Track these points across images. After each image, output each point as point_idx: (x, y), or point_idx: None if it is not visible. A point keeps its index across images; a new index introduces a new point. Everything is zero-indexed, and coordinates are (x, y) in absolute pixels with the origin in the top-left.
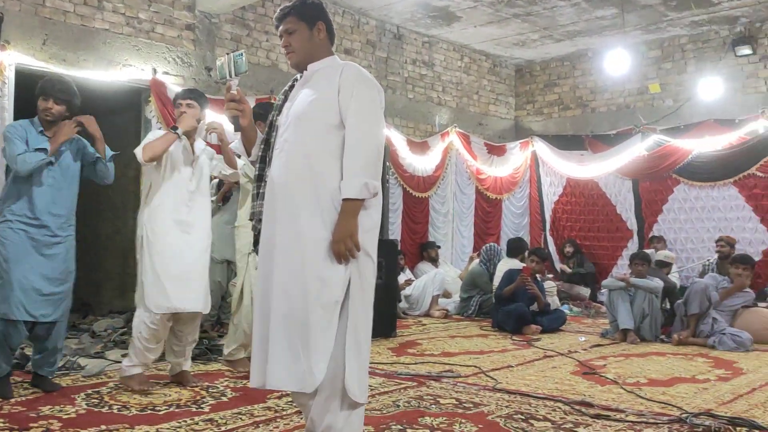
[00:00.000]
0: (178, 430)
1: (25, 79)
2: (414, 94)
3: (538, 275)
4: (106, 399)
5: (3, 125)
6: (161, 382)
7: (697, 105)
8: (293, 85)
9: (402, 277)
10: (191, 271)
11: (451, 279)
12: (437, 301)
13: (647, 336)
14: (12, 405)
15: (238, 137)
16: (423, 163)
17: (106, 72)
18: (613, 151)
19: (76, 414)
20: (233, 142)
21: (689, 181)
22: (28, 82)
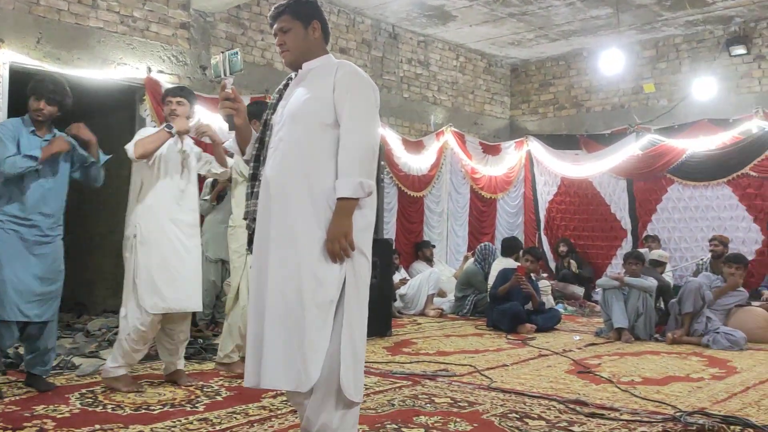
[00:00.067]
0: (173, 429)
1: (20, 77)
2: (409, 94)
3: (532, 274)
4: (101, 398)
5: None
6: (155, 381)
7: (691, 105)
8: (288, 84)
9: (397, 277)
10: (185, 270)
11: (446, 278)
12: (432, 301)
13: (641, 335)
14: (6, 404)
15: (233, 136)
16: (418, 163)
17: (101, 71)
18: (607, 150)
19: (71, 413)
20: (227, 140)
21: (683, 181)
22: (23, 81)
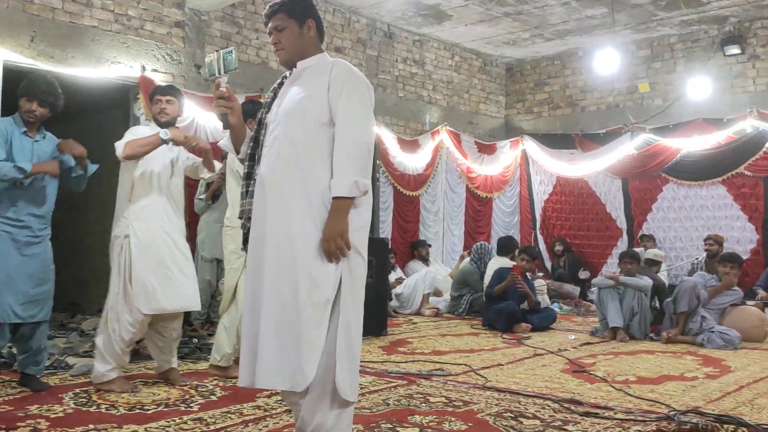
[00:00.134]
0: (167, 429)
1: (13, 76)
2: (404, 93)
3: (528, 274)
4: (95, 398)
5: None
6: (149, 381)
7: (686, 104)
8: (282, 83)
9: (393, 276)
10: (181, 269)
11: (442, 277)
12: (428, 300)
13: (636, 334)
14: None
15: (227, 134)
16: (413, 162)
17: (95, 69)
18: (602, 150)
19: (64, 413)
20: (222, 139)
21: (678, 180)
22: (16, 80)
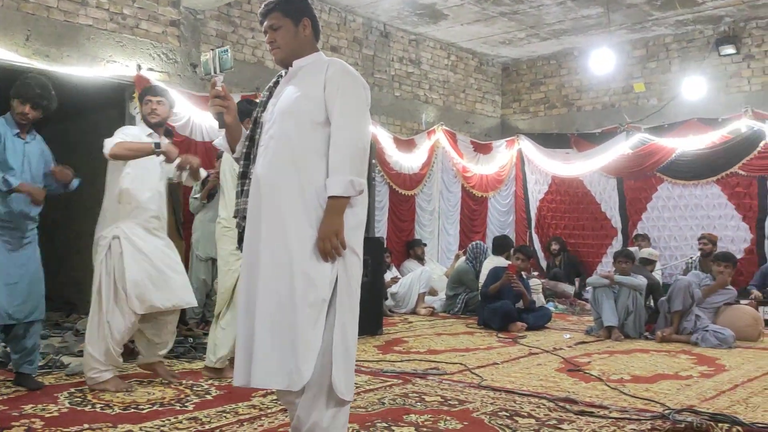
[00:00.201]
0: (162, 428)
1: (8, 75)
2: (400, 92)
3: (523, 273)
4: (89, 397)
5: None
6: (144, 380)
7: (681, 104)
8: (278, 82)
9: (388, 275)
10: (173, 267)
11: (438, 277)
12: (423, 299)
13: (631, 333)
14: None
15: (223, 134)
16: (409, 161)
17: (90, 68)
18: (598, 149)
19: (59, 413)
20: (217, 138)
21: (673, 180)
22: (11, 79)
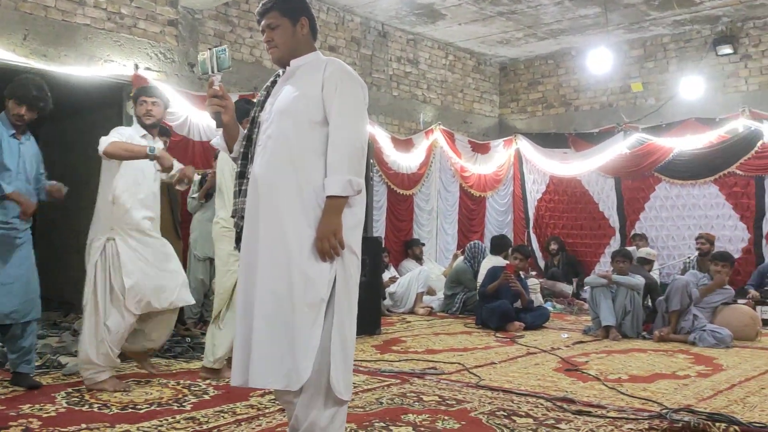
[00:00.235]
0: (159, 428)
1: (6, 74)
2: (398, 92)
3: (521, 272)
4: (87, 397)
5: None
6: (142, 380)
7: (678, 104)
8: (276, 81)
9: (386, 275)
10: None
11: (436, 276)
12: (421, 299)
13: (629, 333)
14: None
15: (220, 133)
16: (407, 161)
17: (88, 68)
18: (595, 149)
19: (56, 412)
20: (215, 138)
21: (670, 180)
22: (9, 78)
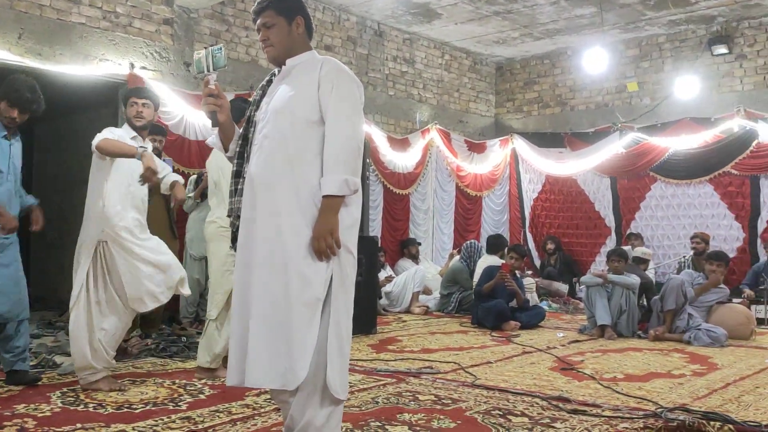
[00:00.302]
0: (155, 428)
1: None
2: (395, 91)
3: (517, 272)
4: (82, 397)
5: None
6: (137, 380)
7: (673, 103)
8: (271, 80)
9: (382, 274)
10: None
11: (432, 276)
12: (417, 298)
13: (624, 332)
14: None
15: (216, 132)
16: (403, 160)
17: (83, 67)
18: (591, 148)
19: (51, 412)
20: (210, 137)
21: (666, 179)
22: (3, 77)
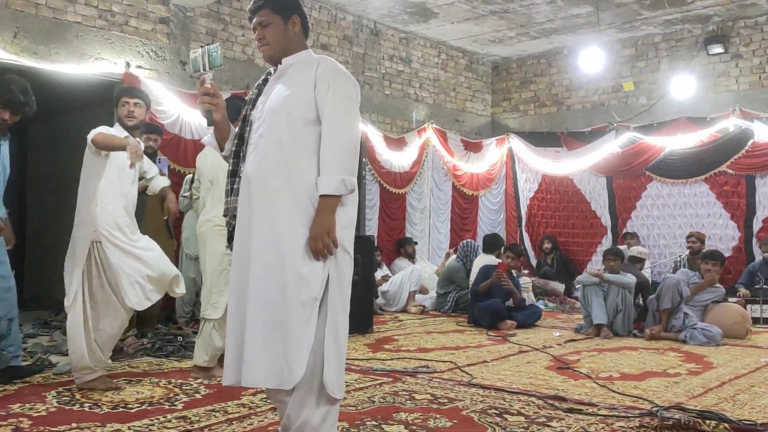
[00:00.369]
0: (151, 427)
1: None
2: (391, 90)
3: (513, 271)
4: (78, 396)
5: None
6: (133, 379)
7: (669, 103)
8: (267, 79)
9: (379, 274)
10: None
11: (428, 275)
12: (414, 297)
13: (620, 331)
14: None
15: (211, 131)
16: (400, 160)
17: (79, 66)
18: (587, 148)
19: (47, 412)
20: (206, 136)
21: (662, 178)
22: None
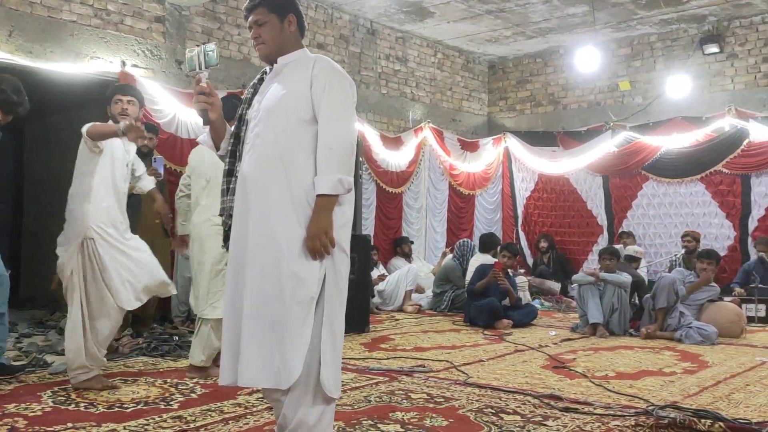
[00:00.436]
0: (146, 427)
1: None
2: (387, 90)
3: (509, 270)
4: (73, 396)
5: None
6: (129, 379)
7: (665, 102)
8: (263, 79)
9: (375, 273)
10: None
11: (424, 274)
12: (410, 297)
13: (616, 330)
14: None
15: (207, 131)
16: (396, 159)
17: (74, 64)
18: (583, 147)
19: (42, 411)
20: (202, 135)
21: (657, 178)
22: None
